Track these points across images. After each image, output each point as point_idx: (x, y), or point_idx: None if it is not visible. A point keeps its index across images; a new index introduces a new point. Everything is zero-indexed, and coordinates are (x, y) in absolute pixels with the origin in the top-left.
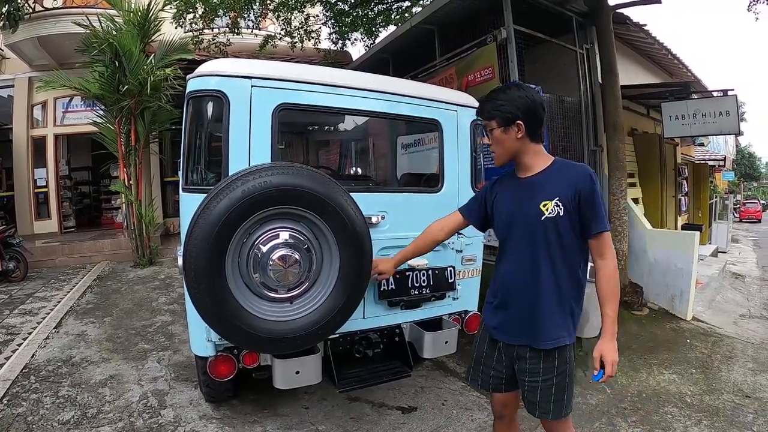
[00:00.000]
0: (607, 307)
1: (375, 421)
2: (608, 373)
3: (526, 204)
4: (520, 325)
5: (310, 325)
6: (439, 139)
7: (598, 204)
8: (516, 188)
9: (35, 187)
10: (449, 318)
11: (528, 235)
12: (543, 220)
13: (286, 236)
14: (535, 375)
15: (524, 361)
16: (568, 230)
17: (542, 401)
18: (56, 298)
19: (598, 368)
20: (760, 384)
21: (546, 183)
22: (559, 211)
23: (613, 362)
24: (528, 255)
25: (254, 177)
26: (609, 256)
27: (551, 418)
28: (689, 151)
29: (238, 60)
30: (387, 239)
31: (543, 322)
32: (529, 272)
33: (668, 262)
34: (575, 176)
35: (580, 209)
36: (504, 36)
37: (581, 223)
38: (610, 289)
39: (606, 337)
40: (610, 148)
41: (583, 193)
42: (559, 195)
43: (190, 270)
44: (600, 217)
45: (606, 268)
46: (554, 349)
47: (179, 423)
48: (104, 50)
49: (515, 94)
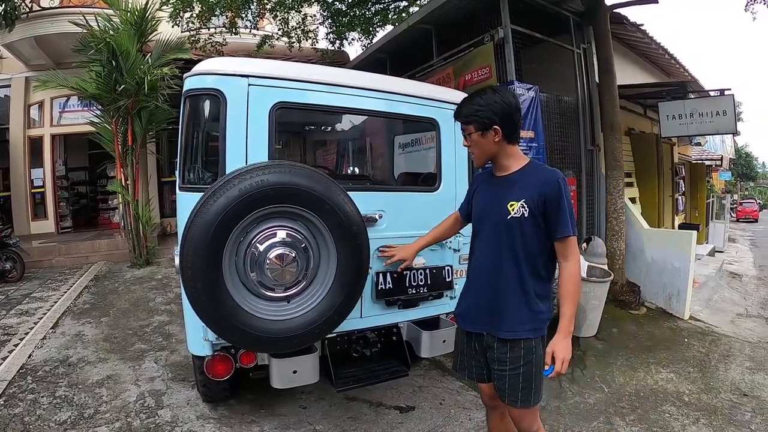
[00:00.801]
0: (565, 306)
1: (373, 421)
2: (557, 369)
3: (497, 202)
4: (481, 315)
5: (307, 324)
6: (436, 139)
7: (564, 209)
8: (491, 186)
9: (32, 187)
10: (447, 317)
11: (495, 232)
12: (509, 219)
13: (284, 235)
14: (502, 363)
15: (492, 350)
16: (531, 231)
17: (510, 389)
18: (53, 298)
19: (549, 363)
20: (758, 382)
21: (516, 184)
22: (524, 212)
23: (564, 359)
24: (493, 251)
25: (251, 175)
26: (572, 259)
27: (519, 406)
28: (686, 150)
29: (236, 58)
30: (384, 238)
31: (504, 314)
32: (493, 267)
33: (665, 261)
34: (543, 181)
35: (545, 212)
36: (501, 36)
37: (546, 226)
38: (569, 290)
39: (560, 334)
40: (607, 148)
41: (548, 198)
42: (525, 197)
43: (186, 269)
44: (564, 222)
45: (568, 270)
46: (518, 340)
47: (176, 423)
48: (101, 50)
49: (492, 99)
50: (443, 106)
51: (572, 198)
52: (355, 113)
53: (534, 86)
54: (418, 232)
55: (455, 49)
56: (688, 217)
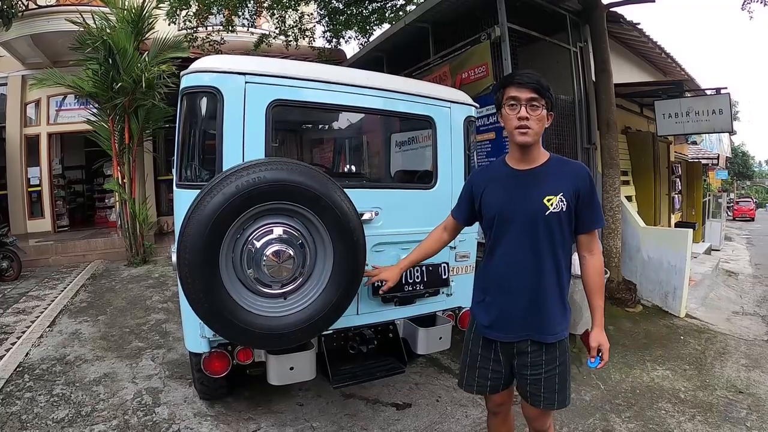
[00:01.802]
0: (597, 299)
1: (369, 418)
2: (605, 359)
3: (528, 197)
4: (517, 320)
5: (303, 320)
6: (432, 136)
7: (597, 201)
8: (511, 181)
9: (28, 185)
10: (443, 314)
11: (529, 229)
12: (547, 215)
13: (280, 232)
14: (537, 367)
15: (525, 355)
16: (568, 226)
17: (547, 392)
18: (50, 296)
19: (595, 356)
20: (754, 380)
21: (548, 177)
22: (563, 207)
23: (607, 349)
24: (529, 250)
25: (248, 172)
26: (597, 251)
27: (556, 408)
28: (682, 149)
29: (233, 56)
30: (381, 235)
31: (546, 316)
32: (530, 267)
33: (661, 259)
34: (575, 173)
35: (578, 206)
36: (498, 34)
37: (577, 219)
38: (599, 283)
39: (598, 327)
40: (603, 146)
41: (583, 191)
42: (563, 190)
43: (183, 265)
44: (597, 215)
45: (596, 262)
46: (556, 342)
47: (173, 420)
48: (98, 48)
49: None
50: (439, 103)
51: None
52: (352, 111)
53: None
54: (414, 229)
55: (452, 47)
56: (685, 215)
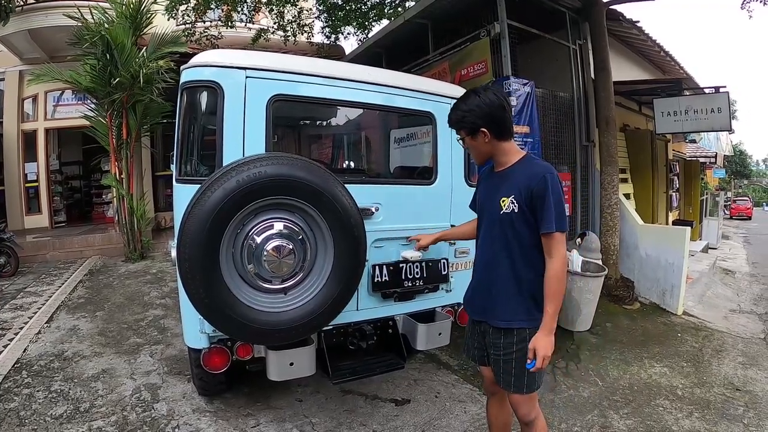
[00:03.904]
0: (548, 304)
1: (368, 414)
2: (538, 365)
3: (492, 197)
4: (480, 303)
5: (304, 316)
6: (432, 132)
7: (548, 204)
8: (490, 181)
9: (26, 181)
10: (442, 310)
11: (490, 226)
12: (501, 215)
13: (281, 227)
14: (497, 348)
15: (488, 335)
16: (523, 226)
17: (504, 373)
18: (47, 292)
19: (531, 358)
20: (751, 377)
21: (507, 180)
22: (513, 208)
23: (544, 356)
24: (489, 243)
25: (249, 167)
26: (555, 256)
27: (513, 391)
28: (681, 147)
29: (234, 51)
30: (381, 231)
31: (498, 304)
32: (488, 259)
33: (659, 257)
34: (530, 175)
35: (532, 207)
36: (497, 31)
37: (535, 220)
38: (552, 288)
39: (542, 331)
40: (602, 144)
41: (535, 193)
42: (514, 193)
43: (184, 260)
44: (548, 218)
45: (551, 268)
46: (510, 329)
47: (172, 416)
48: (96, 43)
49: (474, 103)
50: (440, 99)
51: (566, 193)
52: (352, 106)
53: (530, 81)
54: (414, 225)
55: (451, 44)
56: (682, 213)
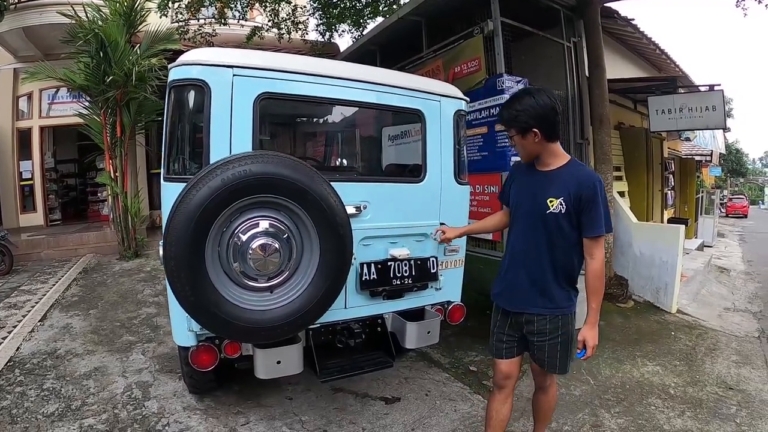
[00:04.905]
0: (592, 300)
1: (358, 412)
2: (588, 354)
3: (537, 195)
4: (521, 295)
5: (290, 314)
6: (421, 130)
7: (598, 210)
8: (531, 178)
9: (20, 179)
10: (432, 308)
11: (533, 222)
12: (547, 213)
13: (266, 225)
14: (542, 335)
15: (532, 323)
16: (567, 225)
17: (550, 357)
18: (41, 291)
19: (581, 347)
20: (744, 376)
21: (556, 181)
22: (561, 209)
23: (593, 345)
24: (532, 238)
25: (234, 166)
26: (597, 257)
27: (559, 372)
28: (676, 145)
29: (221, 49)
30: (369, 229)
31: (544, 294)
32: (531, 252)
33: (653, 255)
34: (581, 181)
35: (580, 211)
36: (491, 28)
37: (579, 223)
38: (595, 286)
39: (588, 324)
40: (596, 141)
41: (584, 199)
42: (563, 195)
43: (169, 258)
44: (596, 223)
45: (594, 268)
46: (555, 315)
47: (163, 414)
48: (89, 41)
49: (528, 104)
50: (429, 97)
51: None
52: (341, 104)
53: (523, 79)
54: (403, 223)
55: (445, 41)
56: (678, 211)
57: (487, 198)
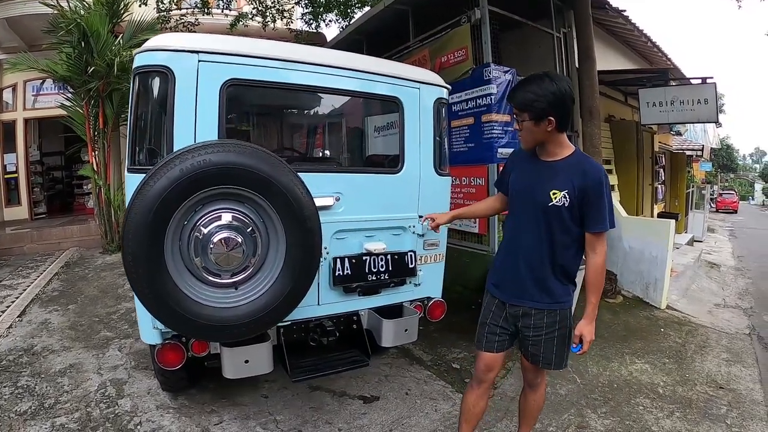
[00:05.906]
0: (591, 295)
1: (335, 411)
2: (584, 349)
3: (539, 187)
4: (519, 286)
5: (256, 311)
6: (399, 118)
7: (603, 205)
8: (533, 168)
9: (5, 172)
10: (410, 305)
11: (534, 214)
12: (549, 206)
13: (229, 218)
14: (539, 330)
15: (529, 317)
16: (569, 219)
17: (546, 352)
18: (22, 285)
19: (577, 342)
20: (735, 375)
21: (561, 173)
22: (565, 202)
23: (590, 341)
24: (532, 230)
25: (193, 155)
26: (599, 252)
27: (555, 368)
28: (667, 140)
29: (186, 34)
30: (342, 222)
31: (543, 287)
32: (531, 244)
33: (643, 250)
34: (586, 174)
35: (584, 204)
36: (478, 16)
37: (582, 217)
38: (595, 280)
39: (586, 319)
40: (585, 134)
41: (590, 192)
42: (568, 188)
43: (127, 253)
44: (601, 218)
45: (595, 262)
46: (554, 309)
47: (135, 413)
48: (71, 31)
49: (549, 89)
50: (407, 84)
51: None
52: (312, 91)
53: (511, 69)
54: (378, 216)
55: (432, 30)
56: (668, 206)
57: (474, 191)
